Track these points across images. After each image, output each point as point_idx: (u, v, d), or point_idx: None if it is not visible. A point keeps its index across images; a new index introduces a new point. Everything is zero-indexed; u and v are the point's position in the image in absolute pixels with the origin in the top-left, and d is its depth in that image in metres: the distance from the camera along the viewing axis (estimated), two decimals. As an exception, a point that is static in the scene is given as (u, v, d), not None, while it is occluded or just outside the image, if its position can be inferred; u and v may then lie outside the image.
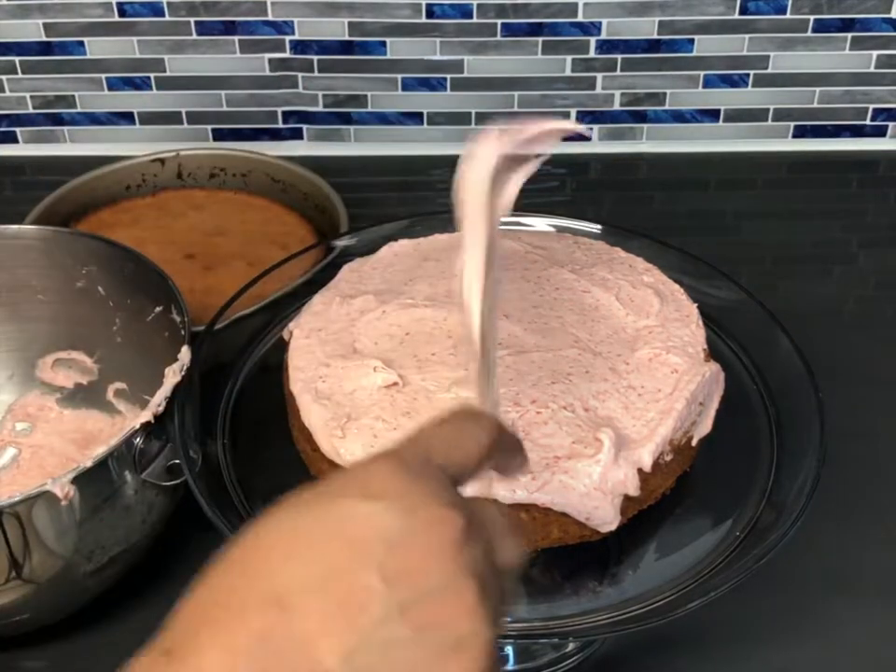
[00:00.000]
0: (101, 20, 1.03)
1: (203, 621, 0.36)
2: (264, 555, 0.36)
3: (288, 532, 0.37)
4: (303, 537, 0.36)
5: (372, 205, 1.03)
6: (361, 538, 0.35)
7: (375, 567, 0.35)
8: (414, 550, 0.35)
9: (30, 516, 0.58)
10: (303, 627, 0.34)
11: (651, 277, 0.71)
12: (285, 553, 0.36)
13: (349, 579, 0.35)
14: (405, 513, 0.36)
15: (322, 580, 0.35)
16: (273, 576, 0.35)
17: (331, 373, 0.64)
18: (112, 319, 0.75)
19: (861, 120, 1.09)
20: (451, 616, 0.35)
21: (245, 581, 0.36)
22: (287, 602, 0.34)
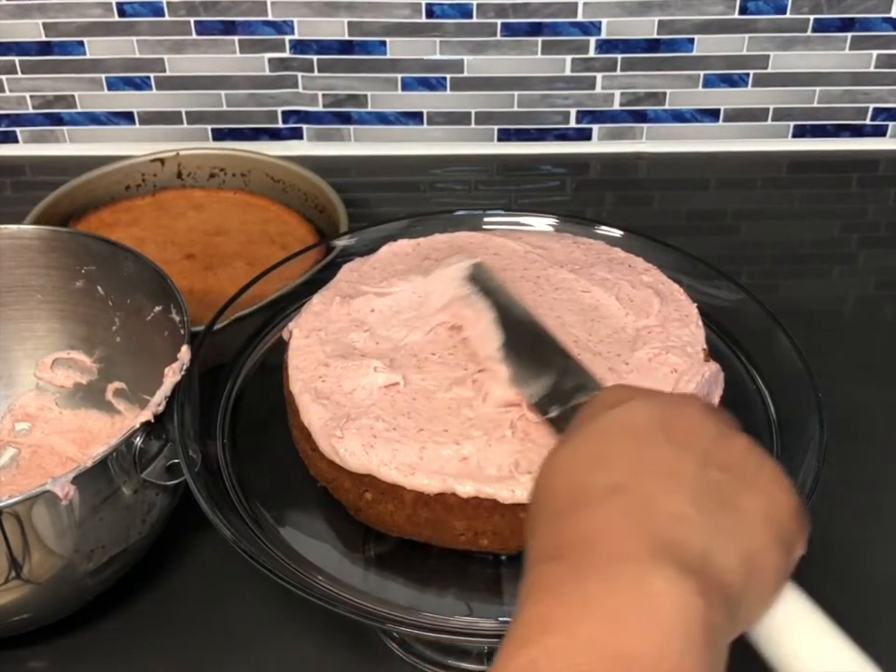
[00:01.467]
0: (101, 19, 1.03)
1: (559, 531, 0.42)
2: (576, 476, 0.43)
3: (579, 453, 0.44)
4: (591, 451, 0.44)
5: (372, 205, 1.03)
6: (638, 427, 0.44)
7: (664, 442, 0.43)
8: (680, 423, 0.44)
9: (30, 516, 0.57)
10: (641, 497, 0.41)
11: (650, 277, 0.71)
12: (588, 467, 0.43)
13: (650, 457, 0.42)
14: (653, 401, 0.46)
15: (631, 466, 0.42)
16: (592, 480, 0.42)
17: (331, 373, 0.64)
18: (111, 319, 0.75)
19: (860, 120, 1.09)
20: (737, 452, 0.43)
21: (573, 494, 0.42)
22: (616, 486, 0.41)
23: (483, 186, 1.08)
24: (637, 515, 0.40)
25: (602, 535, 0.40)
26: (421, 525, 0.59)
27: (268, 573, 0.56)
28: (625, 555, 0.39)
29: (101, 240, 0.76)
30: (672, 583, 0.38)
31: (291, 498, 0.66)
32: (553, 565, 0.40)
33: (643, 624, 0.37)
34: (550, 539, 0.42)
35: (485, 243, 0.74)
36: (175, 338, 0.68)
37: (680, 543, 0.39)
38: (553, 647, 0.37)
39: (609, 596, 0.38)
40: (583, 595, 0.38)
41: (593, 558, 0.39)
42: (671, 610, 0.37)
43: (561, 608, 0.38)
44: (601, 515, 0.41)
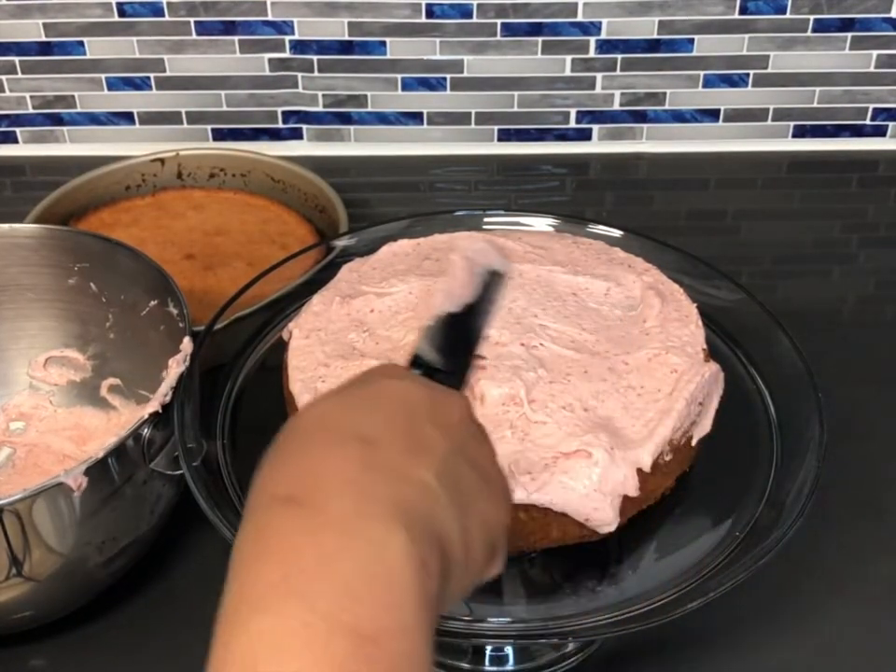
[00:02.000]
0: (101, 20, 1.03)
1: (302, 464, 0.41)
2: (334, 417, 0.44)
3: (344, 402, 0.45)
4: (358, 403, 0.44)
5: (372, 205, 1.03)
6: (406, 401, 0.44)
7: (427, 421, 0.43)
8: (446, 410, 0.45)
9: (47, 508, 0.58)
10: (391, 457, 0.41)
11: (650, 277, 0.71)
12: (350, 414, 0.43)
13: (411, 428, 0.43)
14: (426, 387, 0.46)
15: (391, 428, 0.42)
16: (350, 425, 0.42)
17: (331, 374, 0.64)
18: (105, 315, 0.75)
19: (860, 120, 1.09)
20: (483, 457, 0.46)
21: (323, 431, 0.43)
22: (371, 439, 0.41)
23: (483, 186, 1.08)
24: (381, 473, 0.40)
25: (342, 485, 0.39)
26: (421, 525, 0.59)
27: (268, 573, 0.56)
28: (364, 513, 0.39)
29: (93, 236, 0.76)
30: (405, 551, 0.38)
31: (291, 498, 0.65)
32: (287, 510, 0.39)
33: (380, 598, 0.37)
34: (286, 477, 0.41)
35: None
36: (171, 331, 0.68)
37: (415, 510, 0.40)
38: (288, 617, 0.35)
39: (347, 559, 0.37)
40: (320, 554, 0.37)
41: (330, 511, 0.39)
42: (404, 582, 0.37)
43: (297, 569, 0.37)
44: (345, 463, 0.40)
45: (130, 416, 0.75)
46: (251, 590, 0.37)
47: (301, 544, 0.38)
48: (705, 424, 0.64)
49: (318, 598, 0.36)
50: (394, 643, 0.36)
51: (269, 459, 0.42)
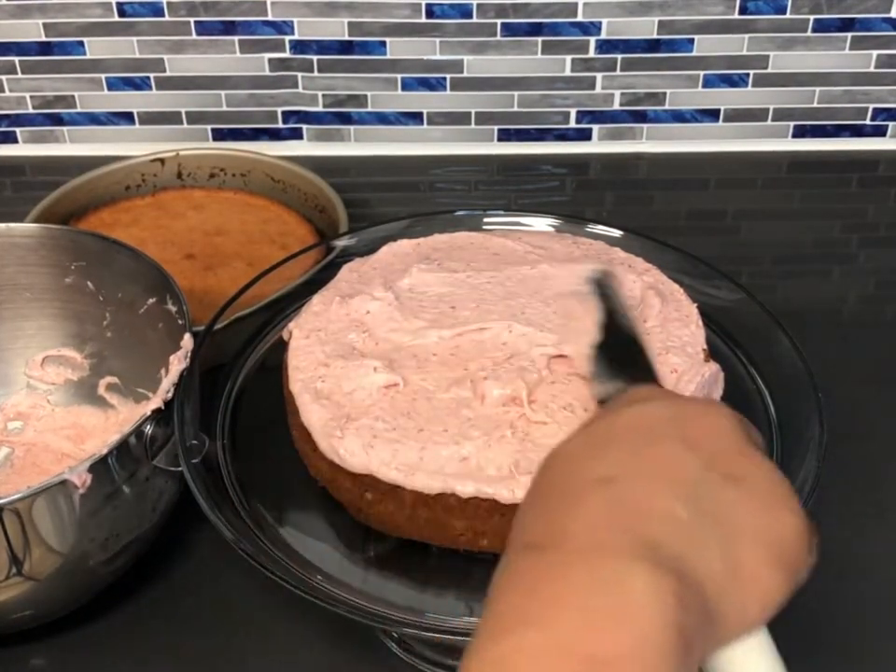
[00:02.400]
0: (101, 20, 1.03)
1: (546, 514, 0.41)
2: (575, 461, 0.42)
3: (586, 441, 0.43)
4: (598, 441, 0.43)
5: (372, 205, 1.03)
6: (651, 425, 0.43)
7: (674, 441, 0.41)
8: (698, 422, 0.43)
9: (49, 506, 0.58)
10: (632, 491, 0.40)
11: (650, 277, 0.71)
12: (590, 454, 0.42)
13: (653, 454, 0.41)
14: (677, 403, 0.45)
15: (632, 459, 0.41)
16: (590, 467, 0.41)
17: (331, 374, 0.64)
18: (102, 314, 0.75)
19: (861, 120, 1.09)
20: (750, 466, 0.42)
21: (568, 479, 0.42)
22: (610, 477, 0.40)
23: (483, 186, 1.08)
24: (621, 509, 0.39)
25: (584, 526, 0.39)
26: (421, 526, 0.59)
27: (268, 573, 0.56)
28: (605, 550, 0.38)
29: (90, 235, 0.76)
30: (650, 584, 0.36)
31: (291, 498, 0.66)
32: (531, 554, 0.39)
33: (618, 627, 0.36)
34: (532, 526, 0.41)
35: (485, 243, 0.75)
36: (170, 329, 0.68)
37: (663, 543, 0.38)
38: (524, 643, 0.36)
39: (586, 594, 0.37)
40: (559, 589, 0.37)
41: (572, 551, 0.38)
42: (647, 614, 0.36)
43: (536, 601, 0.37)
44: (586, 506, 0.40)
45: (128, 415, 0.75)
46: (495, 620, 0.38)
47: (543, 579, 0.38)
48: (705, 424, 0.64)
49: (556, 627, 0.36)
50: (630, 669, 0.35)
51: (521, 510, 0.43)
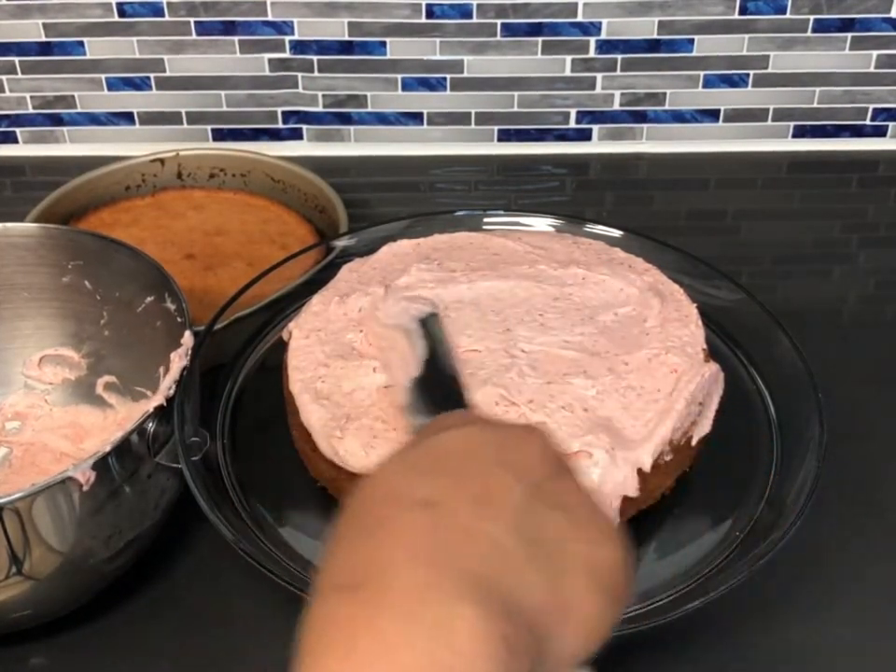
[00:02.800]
0: (101, 20, 1.03)
1: (362, 547, 0.38)
2: (393, 485, 0.39)
3: (403, 465, 0.41)
4: (417, 464, 0.40)
5: (372, 205, 1.03)
6: (470, 449, 0.40)
7: (495, 465, 0.39)
8: (520, 449, 0.41)
9: (50, 506, 0.58)
10: (456, 516, 0.37)
11: (650, 277, 0.71)
12: (409, 478, 0.39)
13: (476, 478, 0.39)
14: (494, 428, 0.43)
15: (454, 483, 0.39)
16: (410, 490, 0.38)
17: (331, 374, 0.64)
18: (100, 313, 0.75)
19: (861, 120, 1.09)
20: (569, 493, 0.40)
21: (383, 505, 0.39)
22: (433, 500, 0.38)
23: (483, 186, 1.08)
24: (445, 537, 0.36)
25: (403, 558, 0.36)
26: (421, 525, 0.59)
27: (268, 573, 0.56)
28: (426, 588, 0.35)
29: (87, 234, 0.76)
30: (477, 633, 0.34)
31: (291, 498, 0.66)
32: (345, 597, 0.35)
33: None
34: (348, 560, 0.37)
35: (485, 243, 0.75)
36: (169, 328, 0.68)
37: (488, 577, 0.35)
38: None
39: (409, 650, 0.33)
40: (379, 646, 0.33)
41: (390, 590, 0.35)
42: (481, 664, 0.33)
43: (351, 663, 0.33)
44: (405, 535, 0.37)
45: (127, 414, 0.75)
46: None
47: (360, 636, 0.34)
48: (704, 424, 0.64)
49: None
50: None
51: (330, 544, 0.39)
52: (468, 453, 0.40)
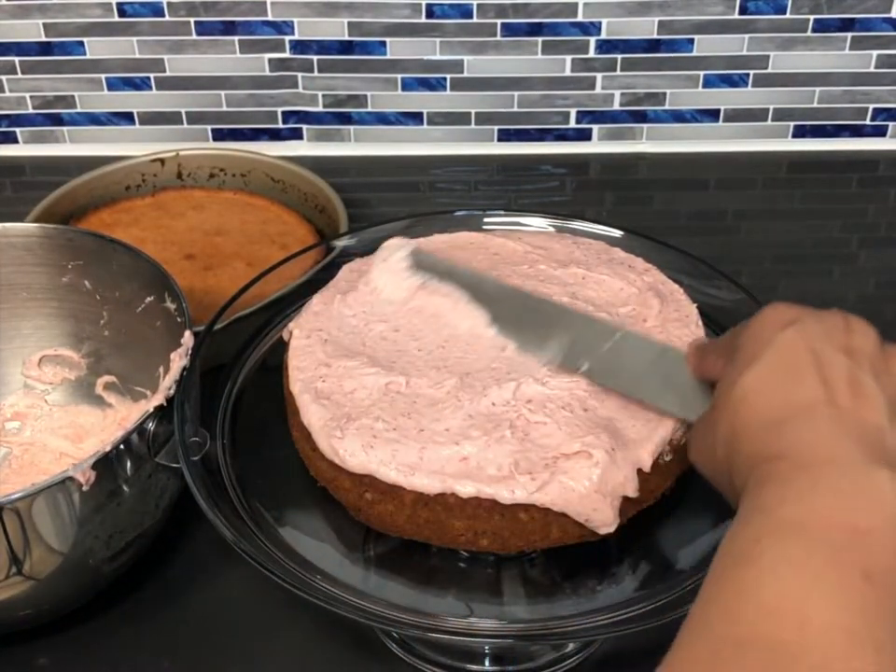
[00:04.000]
0: (101, 20, 1.03)
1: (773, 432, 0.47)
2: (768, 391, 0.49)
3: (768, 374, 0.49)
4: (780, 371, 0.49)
5: (372, 205, 1.03)
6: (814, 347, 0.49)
7: (841, 353, 0.48)
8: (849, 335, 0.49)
9: (50, 505, 0.58)
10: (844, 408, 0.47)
11: (650, 277, 0.71)
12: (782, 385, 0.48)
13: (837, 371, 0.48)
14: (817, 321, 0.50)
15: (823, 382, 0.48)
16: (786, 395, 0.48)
17: (331, 373, 0.64)
18: (99, 313, 0.76)
19: (860, 120, 1.09)
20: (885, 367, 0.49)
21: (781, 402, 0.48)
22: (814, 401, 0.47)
23: (482, 186, 1.08)
24: (842, 425, 0.46)
25: (816, 442, 0.45)
26: (421, 526, 0.59)
27: (268, 573, 0.56)
28: (844, 458, 0.44)
29: (87, 234, 0.76)
30: (889, 479, 0.43)
31: (291, 498, 0.66)
32: (775, 464, 0.45)
33: (871, 505, 0.42)
34: (763, 447, 0.47)
35: (485, 243, 0.74)
36: (169, 327, 0.69)
37: (885, 449, 0.45)
38: (790, 518, 0.42)
39: (838, 479, 0.43)
40: (813, 480, 0.44)
41: (819, 458, 0.44)
42: (890, 499, 0.42)
43: (794, 489, 0.43)
44: (810, 426, 0.46)
45: (126, 413, 0.75)
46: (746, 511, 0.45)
47: (809, 486, 0.44)
48: (705, 424, 0.64)
49: (813, 501, 0.43)
50: (886, 541, 0.42)
51: (735, 440, 0.49)
52: (817, 350, 0.48)
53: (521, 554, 0.62)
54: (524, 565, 0.62)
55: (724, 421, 0.50)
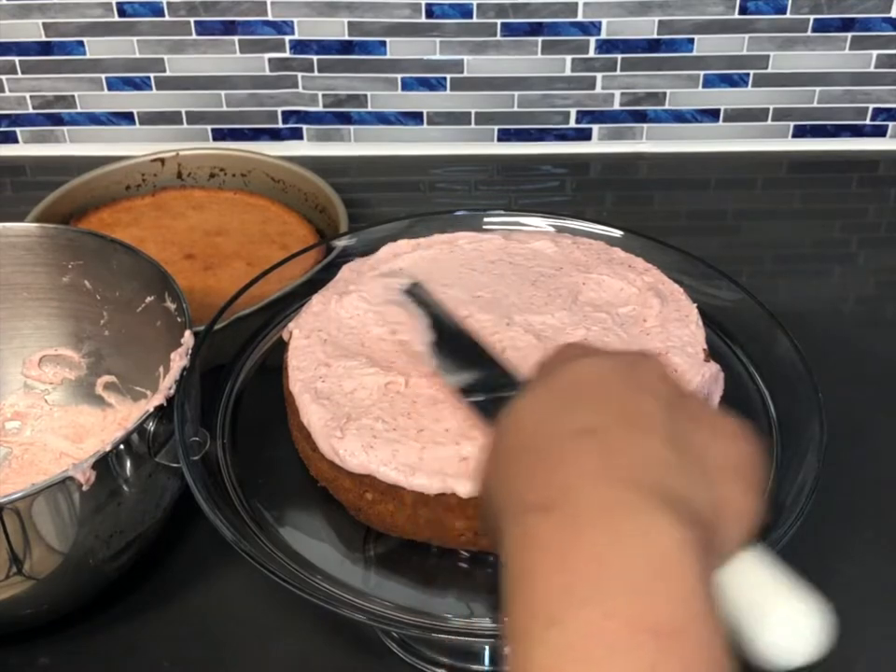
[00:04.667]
0: (101, 20, 1.03)
1: (539, 468, 0.41)
2: (547, 416, 0.44)
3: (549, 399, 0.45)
4: (562, 396, 0.44)
5: (372, 205, 1.03)
6: (603, 377, 0.44)
7: (632, 389, 0.43)
8: (644, 372, 0.45)
9: (50, 505, 0.58)
10: (618, 439, 0.41)
11: (650, 277, 0.71)
12: (561, 409, 0.43)
13: (620, 403, 0.43)
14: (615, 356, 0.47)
15: (604, 410, 0.42)
16: (566, 420, 0.42)
17: (331, 373, 0.64)
18: (100, 313, 0.75)
19: (861, 120, 1.09)
20: (693, 405, 0.45)
21: (544, 433, 0.43)
22: (591, 427, 0.42)
23: (482, 186, 1.08)
24: (615, 458, 0.40)
25: (585, 481, 0.39)
26: (421, 525, 0.59)
27: (268, 573, 0.56)
28: (615, 503, 0.38)
29: (87, 234, 0.76)
30: (675, 538, 0.37)
31: (291, 498, 0.66)
32: (542, 517, 0.39)
33: (668, 594, 0.36)
34: (528, 488, 0.41)
35: (485, 243, 0.74)
36: (169, 327, 0.68)
37: (666, 486, 0.39)
38: (586, 625, 0.35)
39: (623, 555, 0.37)
40: (594, 554, 0.37)
41: (585, 508, 0.39)
42: (685, 573, 0.37)
43: (570, 572, 0.37)
44: (579, 460, 0.40)
45: (126, 413, 0.75)
46: (538, 604, 0.37)
47: (573, 548, 0.37)
48: (705, 424, 0.64)
49: (609, 601, 0.36)
50: (695, 633, 0.36)
51: (499, 471, 0.44)
52: (602, 380, 0.44)
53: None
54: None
55: (492, 447, 0.45)
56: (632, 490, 0.39)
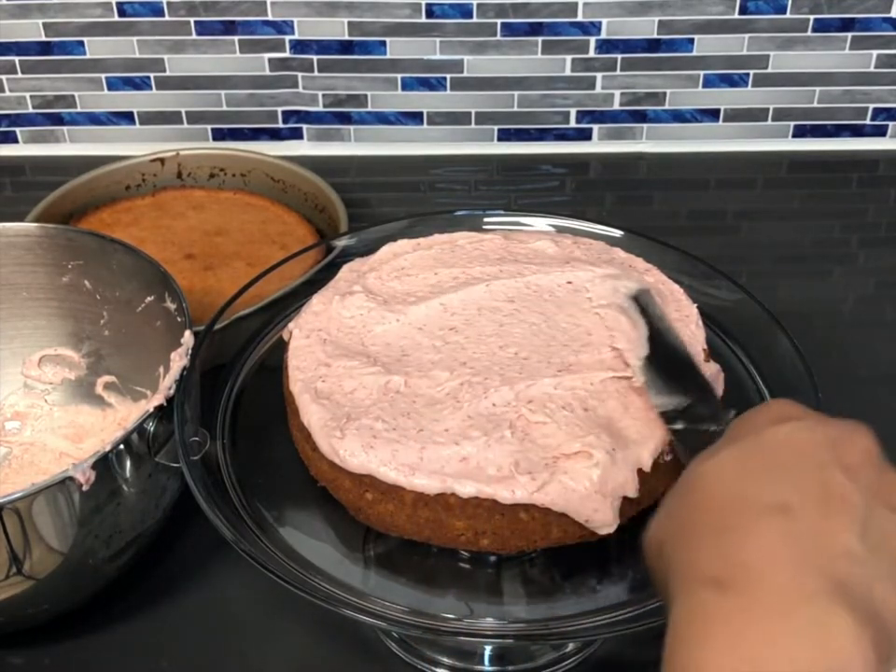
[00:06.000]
0: (101, 20, 1.03)
1: (720, 543, 0.40)
2: (739, 483, 0.41)
3: (743, 463, 0.42)
4: (759, 462, 0.42)
5: (372, 205, 1.03)
6: (803, 449, 0.42)
7: (834, 469, 0.41)
8: (850, 448, 0.42)
9: (50, 505, 0.58)
10: (810, 524, 0.39)
11: (651, 277, 0.71)
12: (755, 478, 0.41)
13: (821, 483, 0.40)
14: (823, 425, 0.44)
15: (801, 488, 0.40)
16: (758, 492, 0.41)
17: (331, 373, 0.64)
18: (99, 313, 0.76)
19: (860, 120, 1.09)
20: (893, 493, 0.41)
21: (732, 506, 0.41)
22: (784, 505, 0.40)
23: (482, 186, 1.08)
24: (805, 545, 0.39)
25: (770, 563, 0.38)
26: (421, 525, 0.59)
27: (268, 573, 0.56)
28: (797, 590, 0.37)
29: (87, 234, 0.76)
30: (851, 636, 0.36)
31: (291, 498, 0.66)
32: (718, 594, 0.38)
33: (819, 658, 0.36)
34: (708, 558, 0.40)
35: (485, 243, 0.74)
36: (169, 327, 0.69)
37: (850, 583, 0.38)
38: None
39: (794, 646, 0.36)
40: (765, 640, 0.36)
41: (762, 591, 0.38)
42: (858, 665, 0.36)
43: (739, 655, 0.36)
44: (767, 539, 0.39)
45: (126, 413, 0.75)
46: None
47: (743, 630, 0.37)
48: (705, 424, 0.64)
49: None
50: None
51: (678, 531, 0.42)
52: (802, 452, 0.42)
53: (521, 554, 0.62)
54: (524, 564, 0.62)
55: (673, 503, 0.44)
56: (815, 579, 0.38)
